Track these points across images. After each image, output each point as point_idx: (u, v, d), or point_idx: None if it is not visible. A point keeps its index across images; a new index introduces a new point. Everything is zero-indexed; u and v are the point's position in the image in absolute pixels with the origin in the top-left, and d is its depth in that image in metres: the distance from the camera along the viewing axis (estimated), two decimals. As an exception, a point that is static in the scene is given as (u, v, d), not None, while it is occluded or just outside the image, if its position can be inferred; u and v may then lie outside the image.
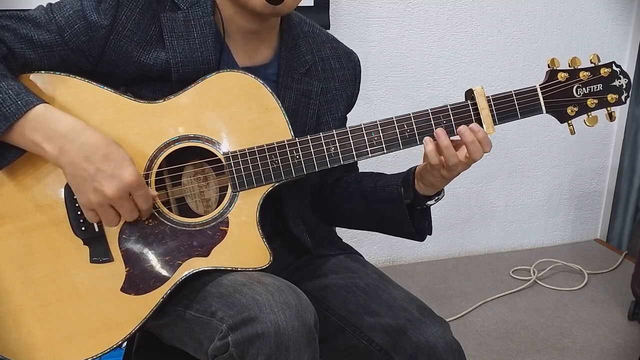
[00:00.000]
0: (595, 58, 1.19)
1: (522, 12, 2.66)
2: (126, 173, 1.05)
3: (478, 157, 1.15)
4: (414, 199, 1.25)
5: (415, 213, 1.27)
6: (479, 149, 1.15)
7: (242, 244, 1.14)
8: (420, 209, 1.26)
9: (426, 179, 1.20)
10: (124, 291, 1.11)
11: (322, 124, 1.31)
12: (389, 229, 1.33)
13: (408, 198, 1.25)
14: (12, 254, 1.11)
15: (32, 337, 1.10)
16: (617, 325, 2.36)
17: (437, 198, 1.25)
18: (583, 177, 3.00)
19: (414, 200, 1.25)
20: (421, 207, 1.26)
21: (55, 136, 1.04)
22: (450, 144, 1.15)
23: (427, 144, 1.15)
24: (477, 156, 1.15)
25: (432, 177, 1.19)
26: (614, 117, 1.22)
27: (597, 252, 2.97)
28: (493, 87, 2.66)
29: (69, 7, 1.12)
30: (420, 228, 1.29)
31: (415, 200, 1.25)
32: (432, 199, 1.24)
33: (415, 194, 1.24)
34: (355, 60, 1.38)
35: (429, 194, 1.23)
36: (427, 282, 2.68)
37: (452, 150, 1.14)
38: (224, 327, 1.02)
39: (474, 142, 1.14)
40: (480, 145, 1.15)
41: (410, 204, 1.26)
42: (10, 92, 1.04)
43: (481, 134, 1.15)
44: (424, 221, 1.29)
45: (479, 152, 1.15)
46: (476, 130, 1.15)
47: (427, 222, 1.29)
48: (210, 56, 1.18)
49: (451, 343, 1.18)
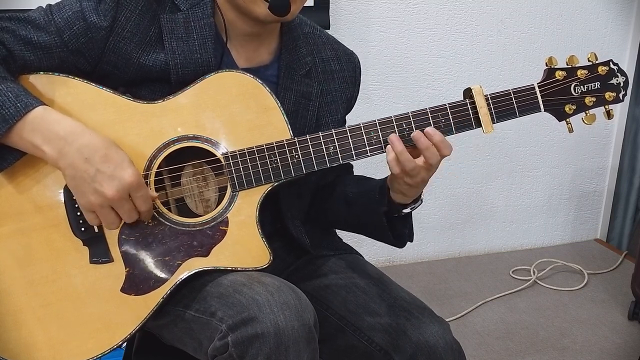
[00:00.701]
0: (593, 56, 1.20)
1: (522, 12, 2.66)
2: (126, 174, 1.05)
3: (435, 161, 1.13)
4: (390, 207, 1.23)
5: (394, 220, 1.26)
6: (434, 154, 1.13)
7: (242, 243, 1.14)
8: (398, 216, 1.25)
9: (394, 187, 1.19)
10: (124, 292, 1.11)
11: (322, 125, 1.31)
12: (369, 234, 1.32)
13: (385, 206, 1.23)
14: (12, 255, 1.11)
15: (32, 338, 1.10)
16: (617, 325, 2.36)
17: (414, 206, 1.23)
18: (583, 177, 3.00)
19: (390, 208, 1.24)
20: (399, 215, 1.25)
21: (54, 138, 1.05)
22: (404, 149, 1.12)
23: (388, 153, 1.14)
24: (433, 161, 1.13)
25: (399, 185, 1.17)
26: (612, 115, 1.22)
27: (597, 252, 2.97)
28: (493, 87, 2.63)
29: (68, 9, 1.12)
30: (400, 235, 1.27)
31: (392, 208, 1.24)
32: (407, 206, 1.23)
33: (390, 202, 1.23)
34: (356, 62, 1.38)
35: (403, 202, 1.22)
36: (427, 282, 2.68)
37: (406, 156, 1.12)
38: (223, 327, 1.02)
39: (429, 147, 1.12)
40: (436, 150, 1.13)
41: (388, 212, 1.24)
42: (9, 94, 1.04)
43: (437, 137, 1.13)
44: (403, 228, 1.27)
45: (435, 156, 1.13)
46: (431, 134, 1.13)
47: (407, 230, 1.28)
48: (210, 58, 1.18)
49: (451, 343, 1.18)
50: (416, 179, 1.15)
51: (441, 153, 1.13)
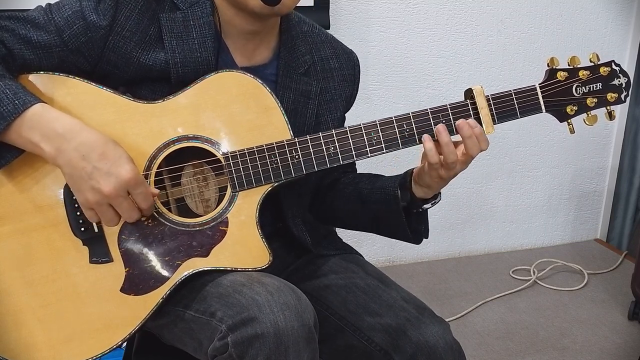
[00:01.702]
0: (595, 57, 1.19)
1: (522, 12, 2.66)
2: (123, 170, 1.05)
3: (475, 152, 1.15)
4: (410, 201, 1.24)
5: (411, 216, 1.26)
6: (475, 145, 1.15)
7: (242, 244, 1.14)
8: (416, 212, 1.26)
9: (423, 180, 1.20)
10: (123, 291, 1.11)
11: (321, 123, 1.31)
12: (385, 231, 1.32)
13: (405, 200, 1.24)
14: (12, 255, 1.11)
15: (32, 338, 1.10)
16: (617, 325, 2.36)
17: (434, 202, 1.24)
18: (583, 177, 3.00)
19: (410, 203, 1.24)
20: (417, 210, 1.26)
21: (52, 135, 1.04)
22: (450, 140, 1.15)
23: (427, 142, 1.15)
24: (474, 152, 1.15)
25: (430, 178, 1.18)
26: (613, 116, 1.21)
27: (597, 252, 2.97)
28: (493, 87, 2.65)
29: (68, 8, 1.12)
30: (417, 231, 1.28)
31: (412, 203, 1.24)
32: (428, 202, 1.24)
33: (412, 197, 1.23)
34: (355, 60, 1.38)
35: (425, 197, 1.23)
36: (427, 282, 2.68)
37: (452, 147, 1.14)
38: (223, 328, 1.02)
39: (472, 137, 1.14)
40: (477, 141, 1.15)
41: (407, 207, 1.25)
42: (7, 91, 1.04)
43: (478, 129, 1.15)
44: (420, 224, 1.28)
45: (476, 147, 1.15)
46: (473, 125, 1.15)
47: (423, 226, 1.29)
48: (210, 57, 1.18)
49: (451, 343, 1.18)
50: (451, 172, 1.16)
51: (481, 145, 1.15)
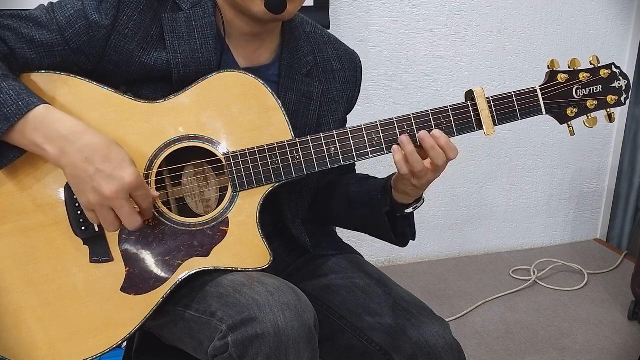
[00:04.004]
0: (595, 59, 1.19)
1: (522, 12, 2.66)
2: (125, 174, 1.05)
3: (440, 162, 1.14)
4: (392, 206, 1.24)
5: (396, 219, 1.26)
6: (440, 155, 1.13)
7: (242, 244, 1.14)
8: (400, 215, 1.26)
9: (399, 187, 1.20)
10: (124, 291, 1.11)
11: (323, 125, 1.31)
12: (373, 233, 1.32)
13: (387, 205, 1.24)
14: (12, 254, 1.11)
15: (32, 337, 1.10)
16: (617, 325, 2.37)
17: (416, 206, 1.23)
18: (583, 177, 3.01)
19: (392, 207, 1.24)
20: (401, 214, 1.25)
21: (56, 137, 1.04)
22: (414, 150, 1.13)
23: (396, 153, 1.14)
24: (439, 162, 1.13)
25: (404, 186, 1.18)
26: (613, 118, 1.22)
27: (597, 252, 2.97)
28: (493, 87, 2.66)
29: (70, 7, 1.12)
30: (402, 234, 1.28)
31: (394, 208, 1.24)
32: (410, 206, 1.23)
33: (393, 202, 1.23)
34: (357, 62, 1.38)
35: (406, 202, 1.22)
36: (427, 282, 2.68)
37: (416, 157, 1.13)
38: (223, 327, 1.02)
39: (434, 147, 1.13)
40: (442, 151, 1.13)
41: (390, 211, 1.25)
42: (11, 92, 1.03)
43: (443, 140, 1.13)
44: (406, 227, 1.27)
45: (441, 157, 1.14)
46: (438, 136, 1.14)
47: (409, 229, 1.28)
48: (211, 57, 1.18)
49: (451, 343, 1.18)
50: (422, 181, 1.16)
51: (447, 156, 1.14)
